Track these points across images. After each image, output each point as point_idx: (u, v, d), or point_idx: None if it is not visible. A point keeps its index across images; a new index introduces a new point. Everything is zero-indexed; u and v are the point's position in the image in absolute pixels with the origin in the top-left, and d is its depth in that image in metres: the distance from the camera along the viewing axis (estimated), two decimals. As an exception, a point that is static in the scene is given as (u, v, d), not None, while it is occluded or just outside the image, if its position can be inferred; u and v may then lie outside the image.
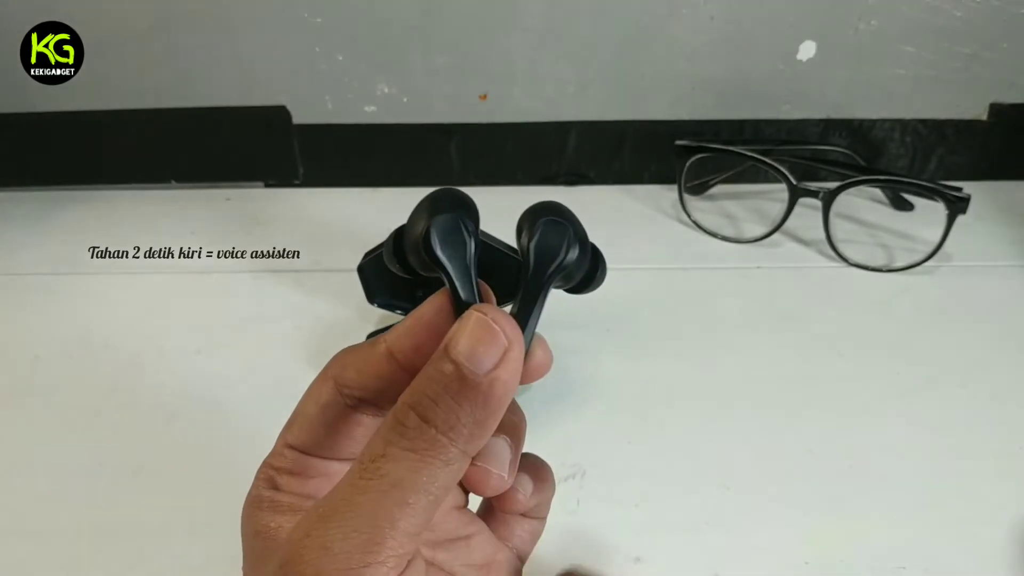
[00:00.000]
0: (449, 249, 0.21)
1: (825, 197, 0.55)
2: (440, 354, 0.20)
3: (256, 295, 0.55)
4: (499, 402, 0.19)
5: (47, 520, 0.40)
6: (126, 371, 0.49)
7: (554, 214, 0.22)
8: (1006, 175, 0.65)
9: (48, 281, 0.56)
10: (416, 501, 0.19)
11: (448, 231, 0.21)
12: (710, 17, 0.58)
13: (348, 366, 0.23)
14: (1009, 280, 0.55)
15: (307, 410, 0.23)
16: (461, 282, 0.21)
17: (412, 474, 0.19)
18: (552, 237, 0.22)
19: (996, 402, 0.45)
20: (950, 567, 0.36)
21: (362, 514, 0.18)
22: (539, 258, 0.22)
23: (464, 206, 0.22)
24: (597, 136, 0.64)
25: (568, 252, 0.22)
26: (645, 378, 0.47)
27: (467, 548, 0.25)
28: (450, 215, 0.22)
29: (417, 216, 0.22)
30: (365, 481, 0.19)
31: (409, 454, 0.19)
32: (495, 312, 0.20)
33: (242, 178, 0.67)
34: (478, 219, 0.22)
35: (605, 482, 0.40)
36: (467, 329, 0.20)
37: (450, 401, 0.19)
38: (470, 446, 0.19)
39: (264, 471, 0.23)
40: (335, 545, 0.18)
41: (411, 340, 0.22)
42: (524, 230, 0.22)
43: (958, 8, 0.57)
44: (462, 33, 0.59)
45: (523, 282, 0.22)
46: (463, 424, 0.19)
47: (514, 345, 0.20)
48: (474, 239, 0.22)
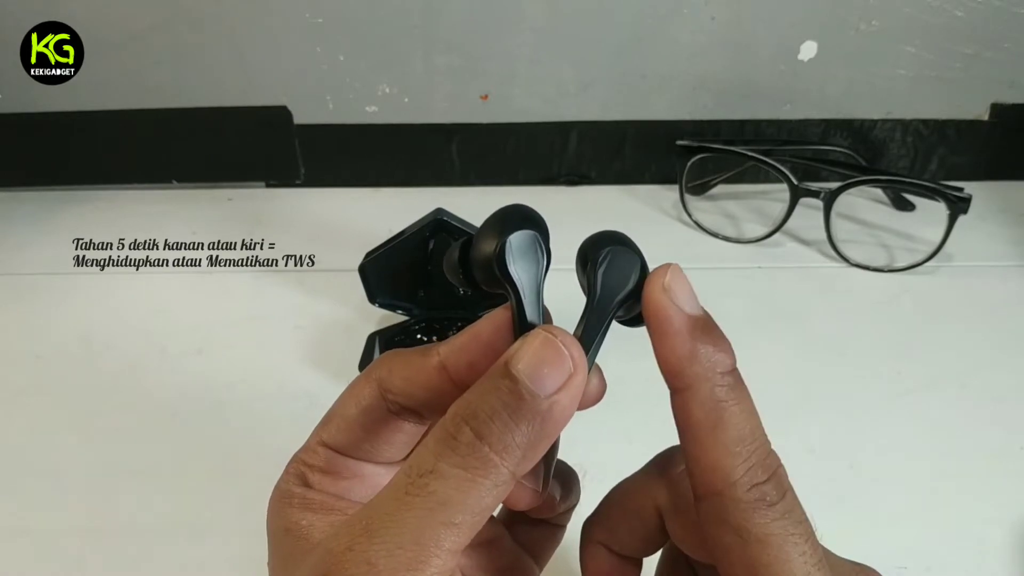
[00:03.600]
0: (522, 267, 0.21)
1: (826, 197, 0.55)
2: (500, 370, 0.19)
3: (257, 295, 0.55)
4: (556, 426, 0.19)
5: (47, 520, 0.40)
6: (127, 371, 0.49)
7: (622, 243, 0.22)
8: (1007, 175, 0.65)
9: (49, 281, 0.56)
10: (462, 522, 0.18)
11: (524, 249, 0.21)
12: (711, 17, 0.58)
13: (395, 372, 0.23)
14: (1010, 280, 0.55)
15: (347, 410, 0.23)
16: (529, 301, 0.21)
17: (460, 494, 0.18)
18: (621, 266, 0.21)
19: (997, 402, 0.45)
20: (951, 567, 0.36)
21: (408, 531, 0.18)
22: (606, 287, 0.21)
23: (537, 224, 0.22)
24: (598, 136, 0.64)
25: (638, 280, 0.21)
26: (646, 378, 0.47)
27: (487, 554, 0.25)
28: (528, 232, 0.21)
29: (489, 230, 0.21)
30: (412, 497, 0.18)
31: (459, 472, 0.18)
32: (564, 335, 0.19)
33: (243, 178, 0.67)
34: (549, 238, 0.22)
35: (606, 482, 0.40)
36: (533, 348, 0.19)
37: (507, 419, 0.18)
38: (520, 468, 0.19)
39: (295, 466, 0.23)
40: (380, 561, 0.18)
41: (466, 356, 0.21)
42: (589, 258, 0.22)
43: (959, 8, 0.57)
44: (463, 33, 0.59)
45: (588, 309, 0.21)
46: (516, 445, 0.19)
47: (579, 370, 0.19)
48: (547, 259, 0.21)
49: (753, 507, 0.19)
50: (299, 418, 0.25)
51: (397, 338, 0.48)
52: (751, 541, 0.19)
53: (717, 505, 0.20)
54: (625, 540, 0.24)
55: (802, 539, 0.19)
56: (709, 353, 0.20)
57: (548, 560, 0.27)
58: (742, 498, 0.19)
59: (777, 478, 0.20)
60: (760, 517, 0.19)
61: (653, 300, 0.20)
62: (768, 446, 0.20)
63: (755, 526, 0.19)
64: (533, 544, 0.26)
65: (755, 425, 0.20)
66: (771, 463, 0.20)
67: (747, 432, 0.20)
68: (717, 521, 0.20)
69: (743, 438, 0.20)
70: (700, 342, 0.20)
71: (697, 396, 0.20)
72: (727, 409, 0.20)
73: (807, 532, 0.19)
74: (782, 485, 0.20)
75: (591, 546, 0.24)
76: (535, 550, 0.27)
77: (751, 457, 0.19)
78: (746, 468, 0.19)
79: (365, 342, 0.48)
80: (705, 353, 0.20)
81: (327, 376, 0.47)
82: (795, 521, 0.19)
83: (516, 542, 0.26)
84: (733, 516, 0.19)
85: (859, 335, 0.50)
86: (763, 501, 0.19)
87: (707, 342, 0.20)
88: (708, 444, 0.20)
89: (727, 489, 0.19)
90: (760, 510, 0.19)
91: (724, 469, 0.19)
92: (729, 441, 0.19)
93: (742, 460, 0.19)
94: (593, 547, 0.24)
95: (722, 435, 0.19)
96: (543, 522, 0.26)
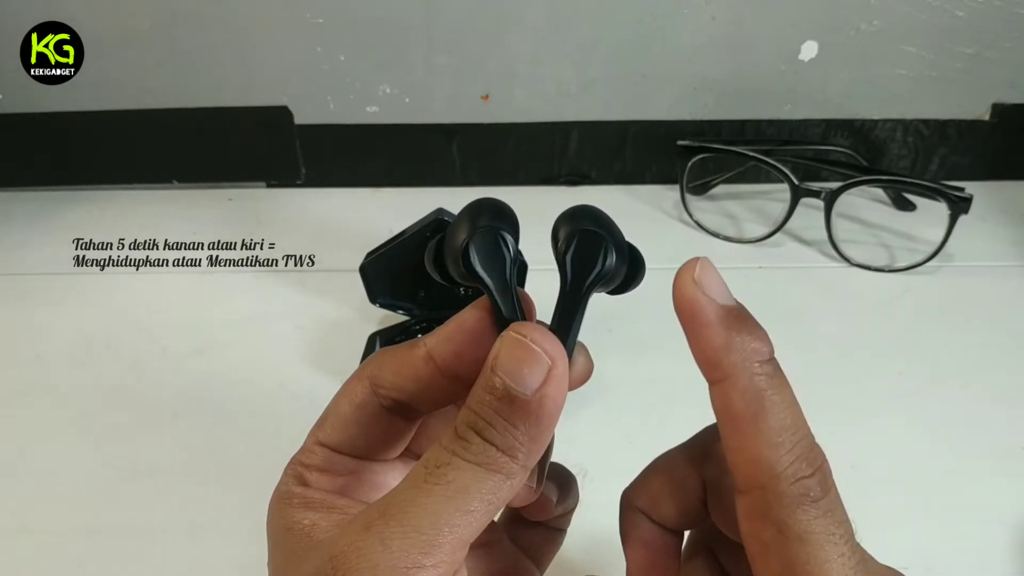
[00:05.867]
0: (488, 264, 0.21)
1: (827, 197, 0.55)
2: (487, 376, 0.20)
3: (258, 295, 0.55)
4: (550, 417, 0.19)
5: (47, 520, 0.40)
6: (127, 371, 0.49)
7: (590, 222, 0.22)
8: (1008, 175, 0.65)
9: (49, 281, 0.56)
10: (477, 509, 0.19)
11: (487, 246, 0.21)
12: (712, 17, 0.58)
13: (385, 367, 0.23)
14: (1011, 280, 0.55)
15: (341, 409, 0.23)
16: (501, 297, 0.21)
17: (477, 483, 0.19)
18: (588, 248, 0.21)
19: (998, 402, 0.45)
20: (953, 567, 0.36)
21: (425, 515, 0.18)
22: (576, 270, 0.21)
23: (504, 217, 0.22)
24: (599, 136, 0.64)
25: (605, 261, 0.21)
26: (647, 378, 0.47)
27: (488, 556, 0.25)
28: (489, 229, 0.21)
29: (457, 227, 0.22)
30: (431, 485, 0.19)
31: (475, 466, 0.19)
32: (532, 331, 0.19)
33: (244, 178, 0.66)
34: (518, 230, 0.22)
35: (607, 482, 0.40)
36: (508, 351, 0.19)
37: (504, 423, 0.19)
38: (529, 460, 0.20)
39: (293, 468, 0.23)
40: (394, 542, 0.18)
41: (452, 346, 0.22)
42: (560, 239, 0.22)
43: (960, 8, 0.57)
44: (464, 33, 0.59)
45: (562, 293, 0.22)
46: (520, 442, 0.19)
47: (557, 361, 0.19)
48: (513, 254, 0.22)
49: (796, 502, 0.19)
50: (300, 418, 0.25)
51: (398, 338, 0.48)
52: (791, 538, 0.19)
53: (759, 499, 0.19)
54: (665, 511, 0.23)
55: (842, 540, 0.19)
56: (746, 342, 0.19)
57: (549, 564, 0.27)
58: (785, 492, 0.19)
59: (822, 473, 0.19)
60: (802, 513, 0.19)
61: (685, 294, 0.20)
62: (812, 439, 0.20)
63: (796, 523, 0.19)
64: (533, 548, 0.26)
65: (797, 415, 0.20)
66: (815, 457, 0.19)
67: (789, 422, 0.19)
68: (757, 515, 0.19)
69: (786, 428, 0.19)
70: (735, 331, 0.20)
71: (736, 386, 0.19)
72: (768, 398, 0.19)
73: (848, 533, 0.19)
74: (826, 481, 0.19)
75: (631, 513, 0.24)
76: (535, 554, 0.27)
77: (795, 448, 0.19)
78: (790, 460, 0.19)
79: (366, 342, 0.48)
80: (741, 342, 0.19)
81: (327, 376, 0.47)
82: (837, 521, 0.19)
83: (516, 545, 0.26)
84: (775, 511, 0.19)
85: (860, 335, 0.50)
86: (807, 496, 0.19)
87: (743, 331, 0.20)
88: (750, 435, 0.19)
89: (770, 482, 0.19)
90: (803, 506, 0.19)
91: (768, 460, 0.19)
92: (771, 431, 0.19)
93: (786, 451, 0.19)
94: (633, 514, 0.24)
95: (764, 425, 0.19)
96: (542, 525, 0.26)
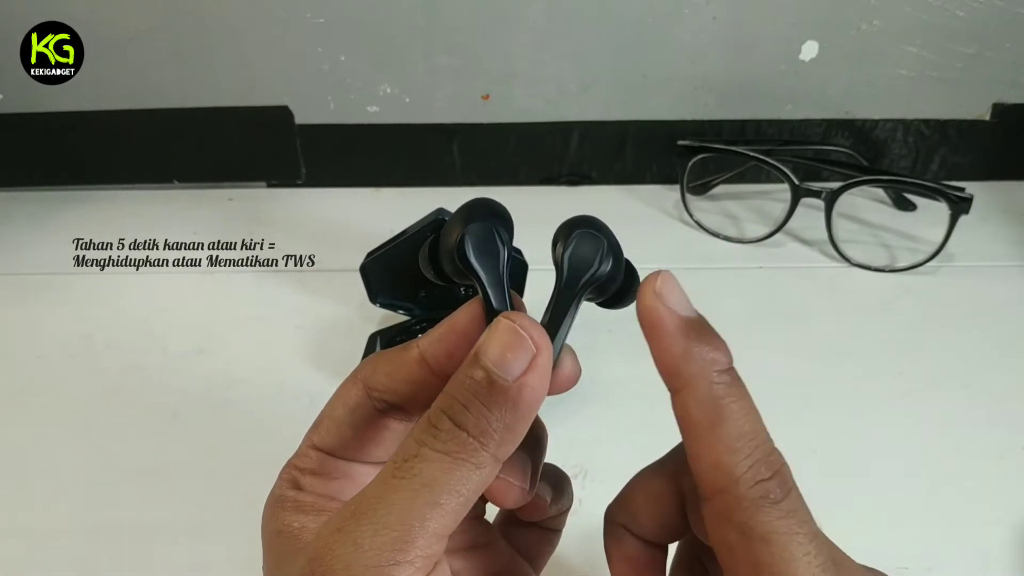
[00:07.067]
0: (483, 258, 0.22)
1: (827, 197, 0.55)
2: (471, 360, 0.20)
3: (258, 295, 0.55)
4: (528, 408, 0.20)
5: (47, 520, 0.40)
6: (128, 371, 0.49)
7: (590, 226, 0.22)
8: (1009, 175, 0.65)
9: (49, 281, 0.56)
10: (447, 502, 0.19)
11: (482, 240, 0.22)
12: (712, 17, 0.58)
13: (379, 370, 0.23)
14: (1012, 280, 0.55)
15: (335, 412, 0.23)
16: (493, 290, 0.22)
17: (444, 475, 0.19)
18: (586, 249, 0.22)
19: (998, 402, 0.45)
20: (953, 567, 0.36)
21: (394, 512, 0.19)
22: (572, 269, 0.22)
23: (499, 216, 0.23)
24: (599, 136, 0.64)
25: (601, 264, 0.22)
26: (647, 378, 0.47)
27: (483, 558, 0.25)
28: (484, 224, 0.22)
29: (452, 224, 0.22)
30: (398, 480, 0.19)
31: (442, 456, 0.19)
32: (523, 319, 0.20)
33: (244, 178, 0.66)
34: (512, 229, 0.23)
35: (607, 482, 0.40)
36: (496, 335, 0.20)
37: (480, 406, 0.19)
38: (501, 451, 0.20)
39: (288, 471, 0.23)
40: (365, 541, 0.18)
41: (444, 346, 0.22)
42: (559, 241, 0.22)
43: (961, 8, 0.57)
44: (464, 33, 0.59)
45: (555, 292, 0.22)
46: (494, 429, 0.19)
47: (542, 351, 0.20)
48: (507, 249, 0.22)
49: (757, 504, 0.19)
50: (300, 418, 0.25)
51: (398, 338, 0.48)
52: (755, 540, 0.19)
53: (721, 504, 0.19)
54: (646, 525, 0.24)
55: (807, 539, 0.19)
56: (704, 352, 0.20)
57: (544, 565, 0.27)
58: (745, 495, 0.19)
59: (781, 476, 0.20)
60: (764, 515, 0.19)
61: (646, 304, 0.20)
62: (770, 444, 0.20)
63: (759, 524, 0.19)
64: (528, 549, 0.27)
65: (755, 422, 0.20)
66: (774, 460, 0.20)
67: (747, 429, 0.20)
68: (722, 520, 0.20)
69: (744, 434, 0.20)
70: (694, 342, 0.20)
71: (695, 394, 0.20)
72: (726, 406, 0.20)
73: (812, 532, 0.19)
74: (786, 483, 0.20)
75: (614, 528, 0.24)
76: (530, 555, 0.27)
77: (753, 453, 0.19)
78: (749, 464, 0.19)
79: (366, 342, 0.48)
80: (700, 352, 0.20)
81: (328, 376, 0.47)
82: (799, 520, 0.19)
83: (511, 547, 0.26)
84: (736, 514, 0.19)
85: (860, 335, 0.50)
86: (766, 499, 0.19)
87: (701, 342, 0.20)
88: (709, 442, 0.20)
89: (730, 486, 0.19)
90: (764, 508, 0.19)
91: (727, 466, 0.19)
92: (730, 438, 0.19)
93: (744, 456, 0.19)
94: (616, 529, 0.24)
95: (722, 432, 0.19)
96: (537, 526, 0.26)
